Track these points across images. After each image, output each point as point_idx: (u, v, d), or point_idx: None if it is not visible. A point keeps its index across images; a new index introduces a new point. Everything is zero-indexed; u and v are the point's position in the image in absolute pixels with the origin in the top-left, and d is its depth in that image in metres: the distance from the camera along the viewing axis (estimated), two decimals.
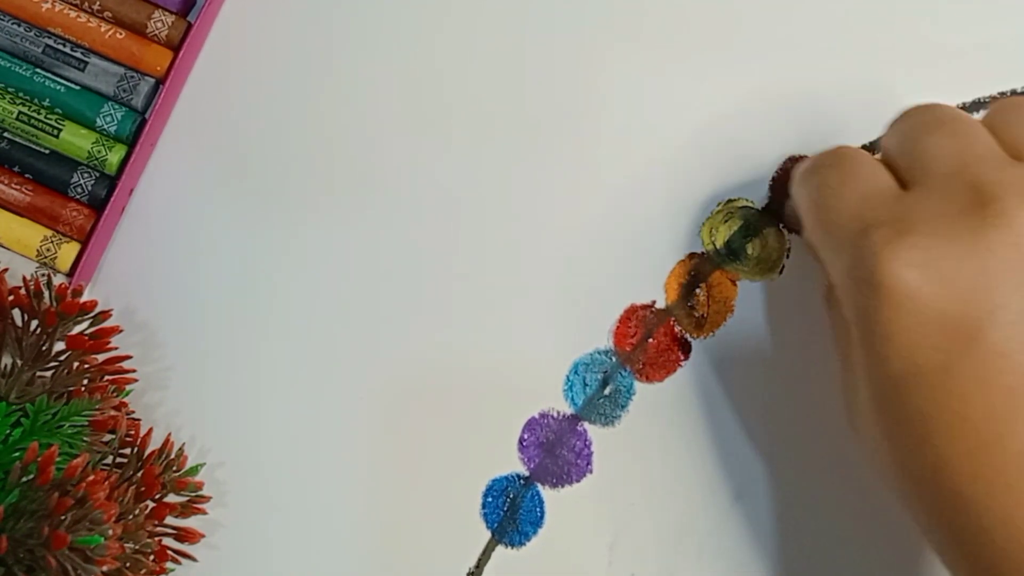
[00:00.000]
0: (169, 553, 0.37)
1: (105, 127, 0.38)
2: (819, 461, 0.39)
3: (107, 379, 0.37)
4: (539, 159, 0.40)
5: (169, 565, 0.37)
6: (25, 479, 0.33)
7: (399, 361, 0.39)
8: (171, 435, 0.38)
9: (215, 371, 0.39)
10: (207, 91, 0.40)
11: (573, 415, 0.39)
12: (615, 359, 0.39)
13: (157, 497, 0.37)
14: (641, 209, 0.40)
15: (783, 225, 0.40)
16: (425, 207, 0.40)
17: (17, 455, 0.35)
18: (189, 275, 0.39)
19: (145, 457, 0.37)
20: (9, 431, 0.35)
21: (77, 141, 0.38)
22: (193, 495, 0.38)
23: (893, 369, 0.30)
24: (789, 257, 0.39)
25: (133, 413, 0.38)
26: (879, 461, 0.33)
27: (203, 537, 0.38)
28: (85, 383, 0.36)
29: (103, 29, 0.38)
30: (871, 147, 0.39)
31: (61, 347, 0.36)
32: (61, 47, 0.38)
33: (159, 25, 0.38)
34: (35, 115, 0.38)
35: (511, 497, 0.39)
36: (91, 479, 0.33)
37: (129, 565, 0.35)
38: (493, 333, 0.39)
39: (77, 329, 0.37)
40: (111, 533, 0.32)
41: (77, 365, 0.36)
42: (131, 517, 0.35)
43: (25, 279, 0.36)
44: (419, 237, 0.40)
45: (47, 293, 0.36)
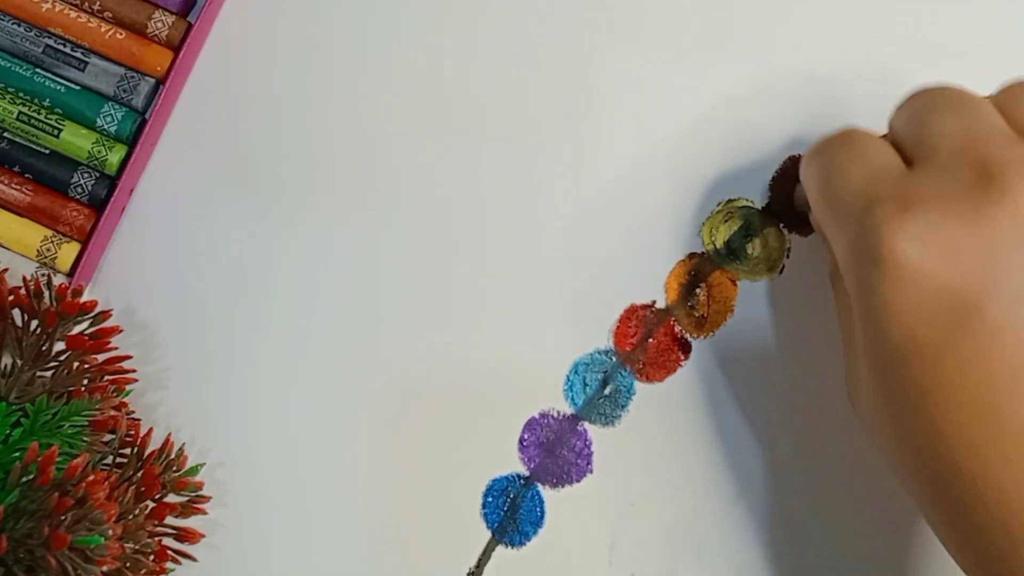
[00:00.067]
0: (169, 553, 0.37)
1: (105, 127, 0.38)
2: (820, 461, 0.39)
3: (107, 379, 0.37)
4: (539, 159, 0.40)
5: (169, 565, 0.37)
6: (25, 479, 0.33)
7: (399, 361, 0.39)
8: (171, 435, 0.38)
9: (215, 371, 0.39)
10: (207, 91, 0.40)
11: (573, 415, 0.39)
12: (615, 359, 0.39)
13: (157, 497, 0.37)
14: (641, 209, 0.40)
15: (783, 225, 0.40)
16: (425, 207, 0.40)
17: (17, 455, 0.35)
18: (189, 275, 0.39)
19: (145, 457, 0.37)
20: (9, 431, 0.35)
21: (77, 141, 0.38)
22: (193, 495, 0.38)
23: (892, 342, 0.30)
24: (789, 257, 0.39)
25: (133, 413, 0.38)
26: (877, 435, 0.33)
27: (203, 537, 0.38)
28: (85, 383, 0.36)
29: (103, 29, 0.38)
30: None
31: (61, 347, 0.36)
32: (61, 47, 0.38)
33: (159, 25, 0.38)
34: (35, 115, 0.38)
35: (511, 497, 0.39)
36: (91, 479, 0.33)
37: (129, 565, 0.35)
38: (493, 333, 0.39)
39: (77, 329, 0.37)
40: (111, 533, 0.32)
41: (77, 365, 0.36)
42: (131, 517, 0.35)
43: (25, 279, 0.36)
44: (419, 237, 0.40)
45: (47, 293, 0.36)
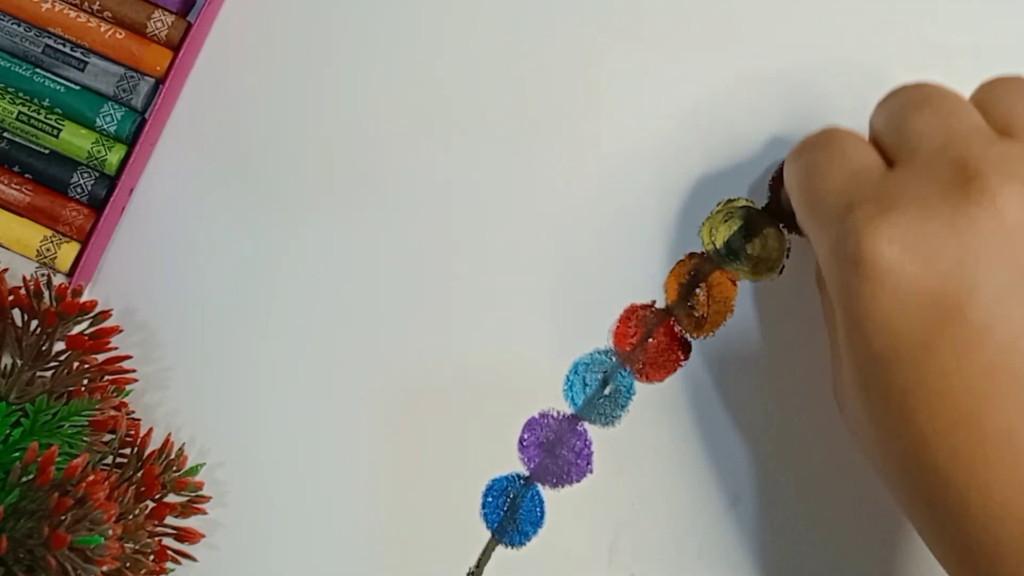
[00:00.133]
0: (169, 553, 0.37)
1: (105, 127, 0.38)
2: (819, 461, 0.39)
3: (107, 379, 0.37)
4: (539, 159, 0.40)
5: (169, 565, 0.37)
6: (25, 479, 0.33)
7: (399, 361, 0.39)
8: (171, 435, 0.38)
9: (215, 371, 0.39)
10: (207, 91, 0.40)
11: (573, 415, 0.39)
12: (615, 359, 0.39)
13: (157, 497, 0.37)
14: (641, 209, 0.40)
15: (783, 225, 0.40)
16: (425, 207, 0.40)
17: (17, 455, 0.35)
18: (189, 275, 0.39)
19: (145, 457, 0.37)
20: (9, 431, 0.35)
21: (77, 141, 0.38)
22: (193, 495, 0.38)
23: (874, 346, 0.30)
24: (789, 257, 0.39)
25: (133, 413, 0.38)
26: (862, 439, 0.33)
27: (203, 537, 0.38)
28: (85, 383, 0.36)
29: (103, 29, 0.38)
30: None
31: (61, 347, 0.36)
32: (61, 47, 0.38)
33: (159, 25, 0.38)
34: (35, 115, 0.38)
35: (511, 497, 0.39)
36: (91, 479, 0.33)
37: (129, 565, 0.35)
38: (493, 333, 0.39)
39: (77, 329, 0.37)
40: (111, 533, 0.32)
41: (77, 365, 0.36)
42: (131, 517, 0.35)
43: (25, 279, 0.36)
44: (419, 237, 0.40)
45: (47, 293, 0.36)
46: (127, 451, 0.37)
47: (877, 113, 0.34)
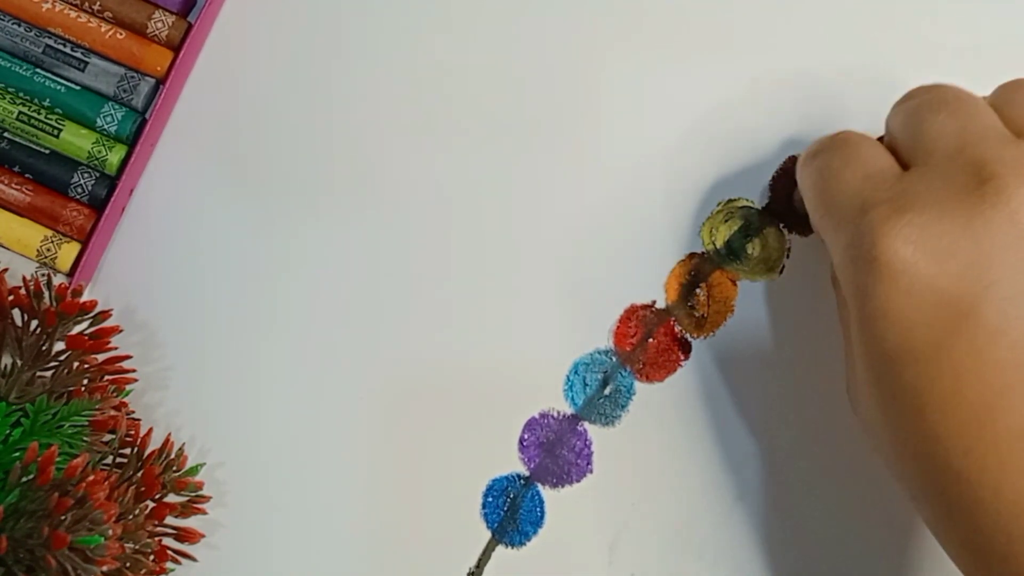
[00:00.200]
0: (169, 553, 0.37)
1: (105, 127, 0.38)
2: (820, 461, 0.39)
3: (107, 379, 0.37)
4: (539, 159, 0.40)
5: (169, 565, 0.37)
6: (25, 479, 0.33)
7: (399, 361, 0.39)
8: (171, 435, 0.38)
9: (215, 371, 0.39)
10: (207, 91, 0.40)
11: (573, 415, 0.39)
12: (615, 359, 0.39)
13: (157, 497, 0.37)
14: (641, 209, 0.40)
15: (783, 225, 0.40)
16: (425, 207, 0.40)
17: (17, 455, 0.35)
18: (189, 275, 0.39)
19: (145, 457, 0.37)
20: (9, 431, 0.35)
21: (77, 141, 0.38)
22: (193, 495, 0.38)
23: (888, 345, 0.30)
24: (789, 257, 0.39)
25: (133, 413, 0.38)
26: (875, 438, 0.33)
27: (203, 537, 0.38)
28: (85, 383, 0.36)
29: (103, 29, 0.38)
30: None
31: (61, 347, 0.36)
32: (61, 47, 0.38)
33: (159, 25, 0.38)
34: (35, 115, 0.38)
35: (511, 497, 0.39)
36: (91, 479, 0.33)
37: (129, 565, 0.35)
38: (493, 333, 0.39)
39: (77, 329, 0.37)
40: (111, 533, 0.32)
41: (77, 365, 0.36)
42: (131, 517, 0.35)
43: (25, 279, 0.36)
44: (419, 237, 0.40)
45: (47, 293, 0.36)
46: (127, 451, 0.37)
47: (893, 115, 0.34)
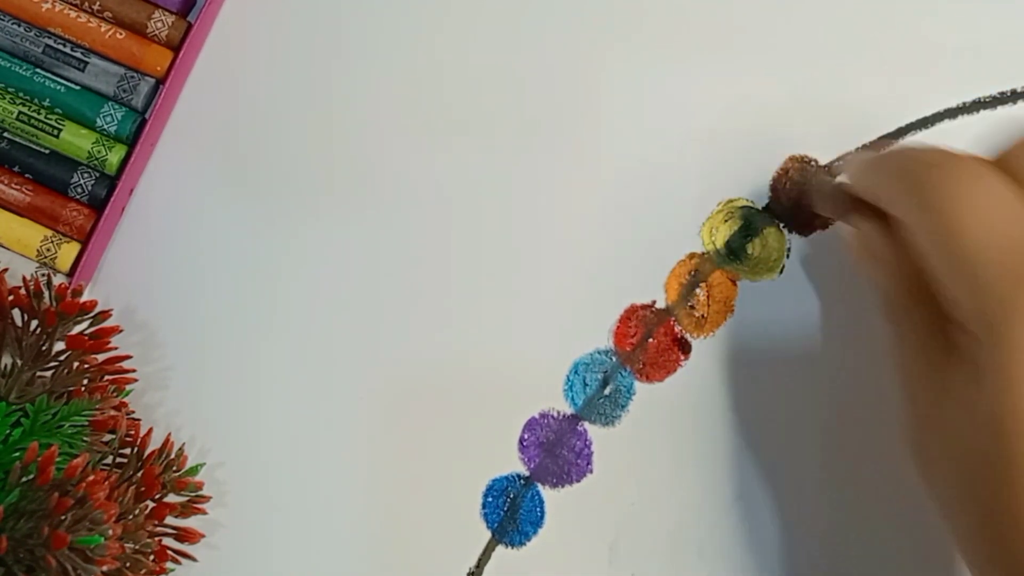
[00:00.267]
0: (169, 553, 0.37)
1: (105, 127, 0.38)
2: (819, 461, 0.39)
3: (107, 379, 0.37)
4: (539, 159, 0.40)
5: (169, 565, 0.37)
6: (25, 479, 0.33)
7: (399, 361, 0.39)
8: (171, 435, 0.38)
9: (215, 371, 0.39)
10: (207, 91, 0.40)
11: (573, 415, 0.39)
12: (615, 359, 0.39)
13: (157, 497, 0.37)
14: (641, 209, 0.40)
15: (783, 225, 0.40)
16: (425, 207, 0.40)
17: (17, 455, 0.35)
18: (189, 275, 0.39)
19: (145, 457, 0.37)
20: (9, 431, 0.35)
21: (77, 141, 0.38)
22: (193, 495, 0.38)
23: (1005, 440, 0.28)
24: (789, 257, 0.39)
25: (133, 413, 0.38)
26: (946, 502, 0.31)
27: (203, 537, 0.38)
28: (85, 383, 0.36)
29: (103, 29, 0.38)
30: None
31: (61, 347, 0.36)
32: (61, 47, 0.38)
33: (159, 25, 0.38)
34: (35, 115, 0.38)
35: (511, 497, 0.39)
36: (91, 479, 0.33)
37: (129, 565, 0.35)
38: (493, 333, 0.39)
39: (77, 329, 0.37)
40: (111, 533, 0.32)
41: (77, 365, 0.36)
42: (131, 517, 0.35)
43: (25, 279, 0.36)
44: (419, 237, 0.40)
45: (47, 293, 0.36)
46: (127, 451, 0.37)
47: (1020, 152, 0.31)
